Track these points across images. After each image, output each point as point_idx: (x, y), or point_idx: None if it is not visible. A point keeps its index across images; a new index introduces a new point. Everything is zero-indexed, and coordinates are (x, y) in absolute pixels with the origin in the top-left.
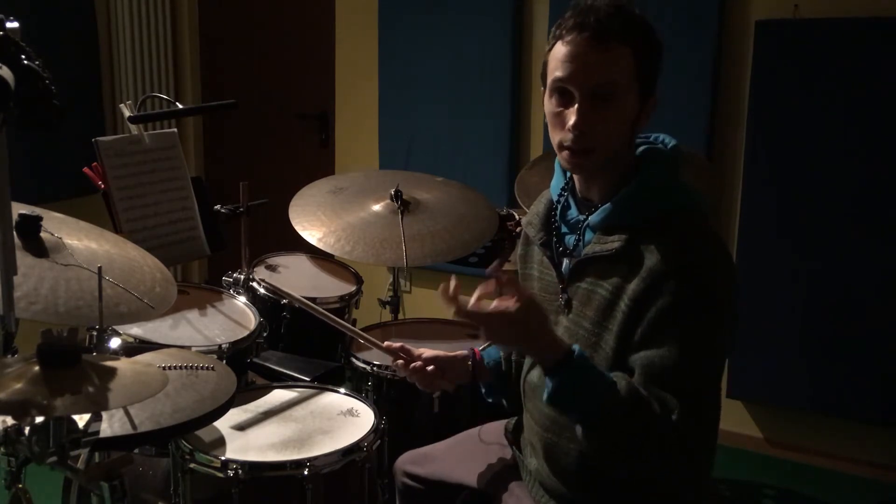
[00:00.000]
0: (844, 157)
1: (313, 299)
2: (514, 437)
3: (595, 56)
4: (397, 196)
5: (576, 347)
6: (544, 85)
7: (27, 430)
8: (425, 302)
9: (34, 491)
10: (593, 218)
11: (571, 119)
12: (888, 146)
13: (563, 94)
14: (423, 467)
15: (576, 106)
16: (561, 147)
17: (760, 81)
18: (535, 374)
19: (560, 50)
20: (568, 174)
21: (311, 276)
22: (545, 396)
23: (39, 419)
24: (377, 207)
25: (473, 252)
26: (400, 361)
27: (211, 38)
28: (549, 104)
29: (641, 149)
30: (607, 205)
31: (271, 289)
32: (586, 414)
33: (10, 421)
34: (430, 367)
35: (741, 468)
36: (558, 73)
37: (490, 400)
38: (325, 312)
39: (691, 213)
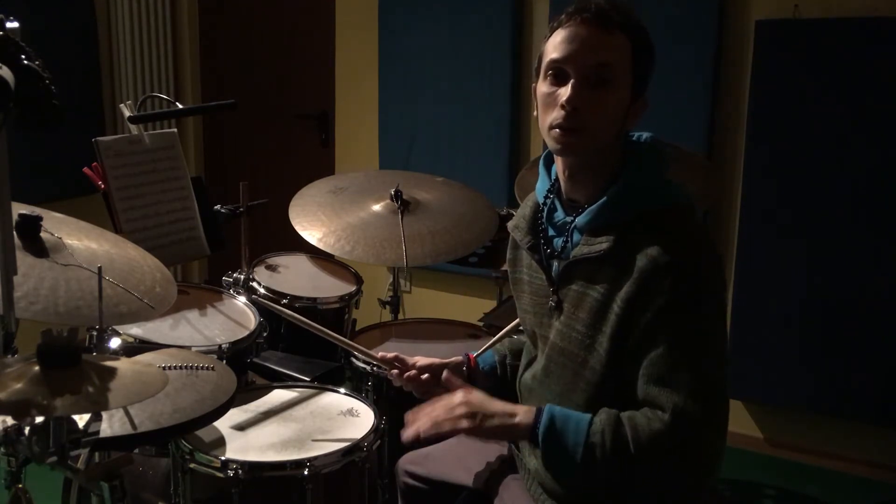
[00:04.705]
0: (844, 156)
1: (314, 300)
2: None
3: (596, 37)
4: (397, 196)
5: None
6: (537, 76)
7: (27, 430)
8: (425, 302)
9: (34, 491)
10: (580, 219)
11: (566, 94)
12: (888, 146)
13: (559, 75)
14: (425, 467)
15: (570, 83)
16: (551, 127)
17: (760, 81)
18: (530, 375)
19: (559, 34)
20: (553, 176)
21: (311, 276)
22: (541, 463)
23: (39, 419)
24: (377, 207)
25: (473, 252)
26: (395, 371)
27: (211, 38)
28: (542, 87)
29: (624, 147)
30: (595, 206)
31: (261, 303)
32: (575, 456)
33: (10, 421)
34: (425, 376)
35: (741, 468)
36: (555, 55)
37: None
38: (313, 324)
39: (678, 208)
